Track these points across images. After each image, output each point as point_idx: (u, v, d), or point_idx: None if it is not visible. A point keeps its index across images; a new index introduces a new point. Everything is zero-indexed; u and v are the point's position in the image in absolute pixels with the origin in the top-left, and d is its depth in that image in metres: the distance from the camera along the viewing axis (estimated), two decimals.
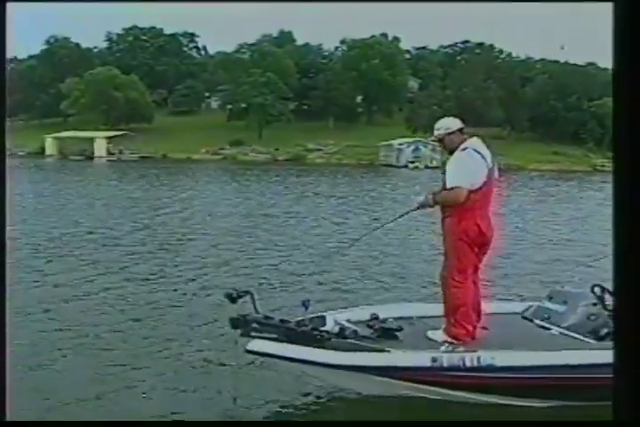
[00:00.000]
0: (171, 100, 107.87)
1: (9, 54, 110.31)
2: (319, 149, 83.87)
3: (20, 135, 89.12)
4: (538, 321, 7.19)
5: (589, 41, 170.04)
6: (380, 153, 78.11)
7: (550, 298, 7.32)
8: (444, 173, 6.71)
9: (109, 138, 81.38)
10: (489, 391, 6.26)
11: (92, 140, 79.87)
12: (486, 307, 7.36)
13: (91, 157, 75.72)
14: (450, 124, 6.85)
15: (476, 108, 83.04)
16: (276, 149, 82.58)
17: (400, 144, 74.30)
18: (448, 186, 6.57)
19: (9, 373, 4.45)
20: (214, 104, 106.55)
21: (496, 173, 6.78)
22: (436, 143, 7.16)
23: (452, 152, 6.77)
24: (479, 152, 6.60)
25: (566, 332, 6.74)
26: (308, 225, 20.62)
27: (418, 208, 6.84)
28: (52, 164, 64.38)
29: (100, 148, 79.29)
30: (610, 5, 2.98)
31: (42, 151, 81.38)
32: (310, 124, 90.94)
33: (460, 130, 6.80)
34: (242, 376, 6.78)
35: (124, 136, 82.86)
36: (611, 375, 3.27)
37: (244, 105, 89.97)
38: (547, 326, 7.02)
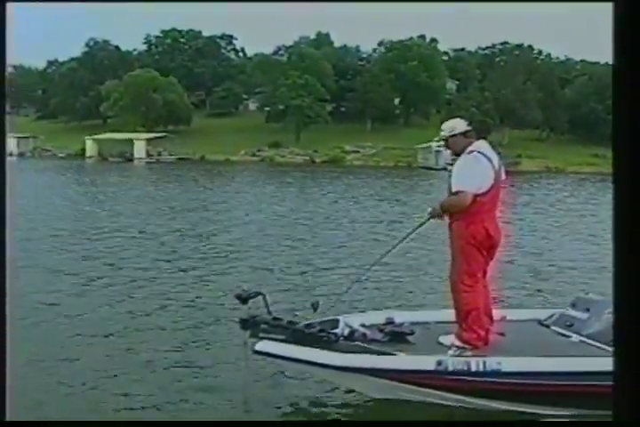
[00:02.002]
0: (209, 102, 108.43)
1: (50, 57, 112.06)
2: (357, 151, 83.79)
3: (59, 137, 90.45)
4: (556, 328, 7.09)
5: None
6: (418, 155, 77.82)
7: (574, 305, 7.23)
8: (450, 176, 6.66)
9: (148, 140, 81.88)
10: (494, 397, 6.18)
11: (131, 141, 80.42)
12: (506, 313, 7.46)
13: (130, 159, 76.28)
14: (454, 125, 6.79)
15: (515, 110, 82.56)
16: (315, 151, 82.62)
17: (438, 146, 73.47)
18: (453, 190, 6.52)
19: None
20: (252, 106, 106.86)
21: (503, 176, 6.71)
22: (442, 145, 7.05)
23: (457, 154, 6.72)
24: (486, 155, 6.53)
25: (587, 340, 6.61)
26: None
27: (429, 219, 6.80)
28: (97, 165, 64.70)
29: (140, 149, 79.89)
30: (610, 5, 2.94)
31: (82, 153, 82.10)
32: (348, 126, 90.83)
33: (465, 133, 6.71)
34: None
35: (162, 138, 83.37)
36: None
37: (281, 107, 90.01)
38: (567, 333, 6.91)
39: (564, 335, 6.91)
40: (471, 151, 6.57)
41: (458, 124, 6.78)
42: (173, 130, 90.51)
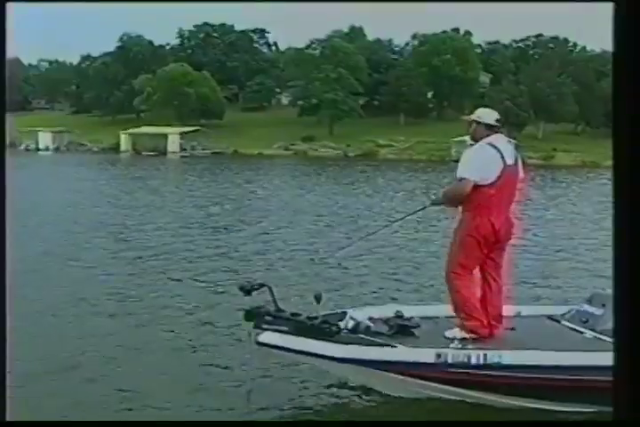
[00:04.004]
0: (242, 96, 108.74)
1: (82, 52, 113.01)
2: (390, 145, 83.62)
3: (93, 131, 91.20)
4: (570, 324, 7.02)
5: None
6: (452, 149, 77.49)
7: (589, 301, 7.13)
8: None
9: (182, 134, 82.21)
10: (495, 390, 6.15)
11: (164, 136, 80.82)
12: (520, 309, 7.47)
13: (164, 153, 76.65)
14: (484, 114, 6.80)
15: (550, 104, 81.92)
16: (348, 145, 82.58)
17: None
18: (457, 177, 6.53)
19: None
20: (285, 100, 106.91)
21: (519, 173, 6.68)
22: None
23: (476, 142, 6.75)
24: (496, 147, 6.51)
25: (600, 336, 6.49)
26: None
27: (431, 205, 6.99)
28: (134, 159, 65.05)
29: (174, 144, 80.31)
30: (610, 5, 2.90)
31: (116, 147, 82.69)
32: (381, 119, 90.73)
33: (490, 126, 6.69)
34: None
35: (195, 132, 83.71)
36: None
37: (314, 101, 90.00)
38: (581, 329, 6.84)
39: (577, 331, 6.85)
40: (483, 142, 6.61)
41: (488, 115, 6.78)
42: (206, 124, 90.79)
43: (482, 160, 6.49)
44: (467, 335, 6.52)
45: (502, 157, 6.48)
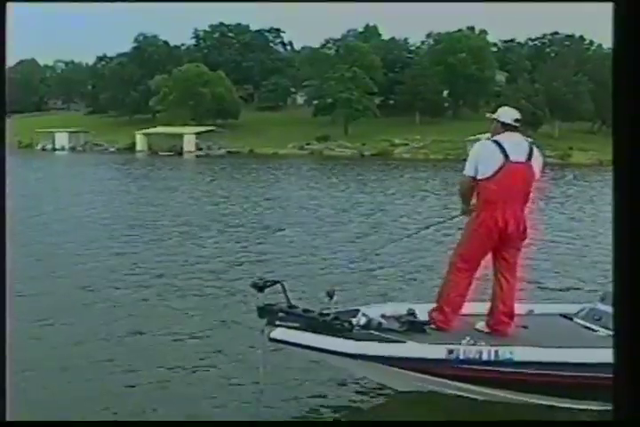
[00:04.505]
0: (257, 95, 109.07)
1: (98, 52, 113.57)
2: (405, 144, 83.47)
3: (109, 131, 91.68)
4: (583, 322, 7.03)
5: None
6: (467, 148, 77.22)
7: (602, 299, 7.12)
8: None
9: (198, 134, 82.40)
10: (506, 387, 6.15)
11: (180, 136, 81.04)
12: (533, 307, 7.50)
13: (180, 153, 76.83)
14: (501, 113, 6.86)
15: (566, 102, 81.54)
16: (363, 144, 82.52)
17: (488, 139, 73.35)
18: None
19: None
20: (300, 100, 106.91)
21: (532, 172, 6.64)
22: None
23: None
24: (498, 143, 6.56)
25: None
26: None
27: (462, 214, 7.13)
28: (152, 160, 65.17)
29: (189, 143, 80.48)
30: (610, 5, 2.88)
31: (132, 147, 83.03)
32: (396, 118, 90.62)
33: (506, 124, 6.73)
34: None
35: (211, 132, 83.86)
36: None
37: (330, 100, 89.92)
38: (594, 327, 6.83)
39: (591, 329, 6.85)
40: (487, 139, 6.75)
41: (505, 114, 6.84)
42: (222, 124, 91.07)
43: (478, 155, 6.60)
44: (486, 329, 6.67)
45: (504, 153, 6.51)
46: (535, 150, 6.72)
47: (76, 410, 6.04)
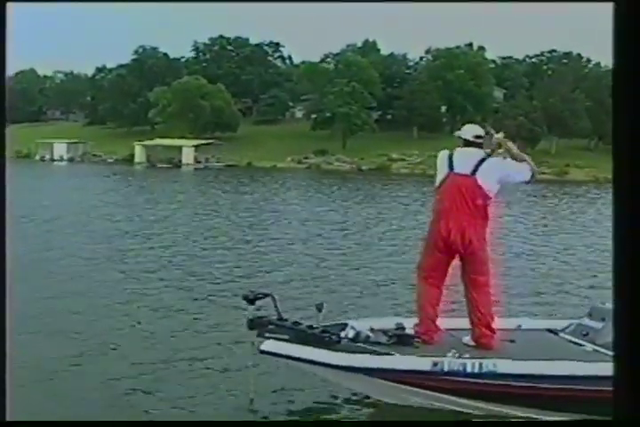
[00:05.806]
0: (256, 109, 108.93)
1: (99, 63, 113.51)
2: (403, 159, 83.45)
3: (108, 143, 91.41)
4: (569, 337, 7.13)
5: None
6: None
7: (590, 315, 7.24)
8: None
9: (196, 146, 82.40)
10: (490, 399, 6.24)
11: (179, 148, 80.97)
12: (520, 322, 7.63)
13: (178, 165, 76.75)
14: (464, 130, 7.23)
15: (564, 119, 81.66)
16: (361, 159, 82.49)
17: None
18: None
19: None
20: (299, 113, 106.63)
21: (480, 186, 6.70)
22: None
23: None
24: (450, 155, 6.94)
25: (600, 349, 6.58)
26: None
27: None
28: (153, 171, 65.23)
29: (188, 156, 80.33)
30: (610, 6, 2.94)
31: (130, 158, 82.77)
32: (394, 133, 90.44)
33: (466, 141, 7.05)
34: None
35: (210, 144, 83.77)
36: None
37: (328, 114, 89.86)
38: (581, 342, 6.94)
39: (577, 344, 6.94)
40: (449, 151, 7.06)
41: (466, 131, 7.19)
42: (220, 136, 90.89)
43: (437, 166, 7.03)
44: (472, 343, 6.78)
45: (450, 164, 6.79)
46: (487, 166, 6.77)
47: None
